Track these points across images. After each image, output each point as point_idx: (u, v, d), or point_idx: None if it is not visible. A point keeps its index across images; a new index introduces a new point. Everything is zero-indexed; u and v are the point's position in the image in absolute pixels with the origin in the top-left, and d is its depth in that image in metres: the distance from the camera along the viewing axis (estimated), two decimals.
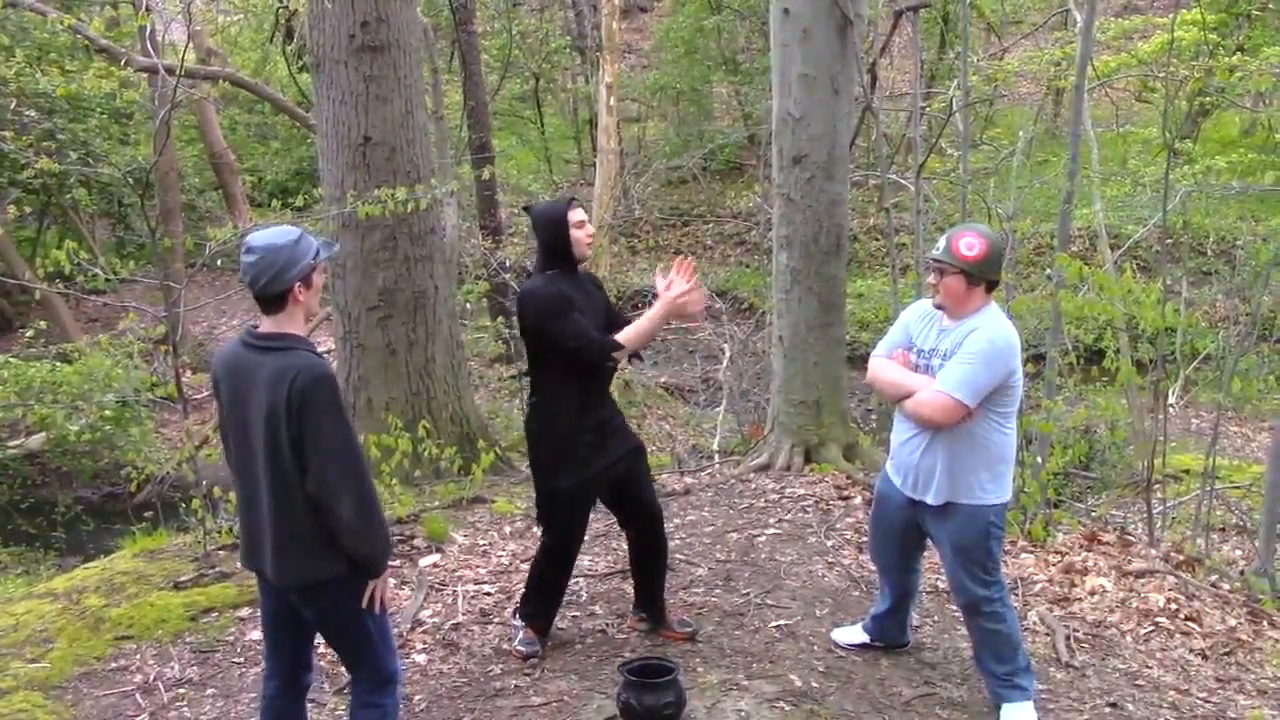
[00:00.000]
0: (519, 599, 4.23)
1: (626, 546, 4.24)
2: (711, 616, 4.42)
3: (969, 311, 3.54)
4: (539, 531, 4.09)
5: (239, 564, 3.46)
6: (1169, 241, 11.31)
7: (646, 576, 4.20)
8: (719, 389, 11.32)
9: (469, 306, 12.23)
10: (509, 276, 11.15)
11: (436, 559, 5.07)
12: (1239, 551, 6.41)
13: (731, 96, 20.48)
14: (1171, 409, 9.46)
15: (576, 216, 3.83)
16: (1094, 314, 6.62)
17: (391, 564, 4.38)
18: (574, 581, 4.55)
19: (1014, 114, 18.74)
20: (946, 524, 3.63)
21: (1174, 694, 4.05)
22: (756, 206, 15.97)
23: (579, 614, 4.46)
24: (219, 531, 5.27)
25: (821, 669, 4.00)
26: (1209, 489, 5.91)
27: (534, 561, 4.08)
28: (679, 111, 20.29)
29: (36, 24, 11.62)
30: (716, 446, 9.17)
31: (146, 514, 8.52)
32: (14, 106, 10.43)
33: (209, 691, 3.94)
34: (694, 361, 13.14)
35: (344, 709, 3.59)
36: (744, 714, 3.66)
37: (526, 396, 4.10)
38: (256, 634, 4.22)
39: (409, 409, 6.58)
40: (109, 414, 9.83)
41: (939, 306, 3.61)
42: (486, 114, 13.98)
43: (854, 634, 4.20)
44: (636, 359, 4.18)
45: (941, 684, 3.95)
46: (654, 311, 3.82)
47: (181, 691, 3.93)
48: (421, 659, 4.11)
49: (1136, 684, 4.10)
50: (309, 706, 3.26)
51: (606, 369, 3.92)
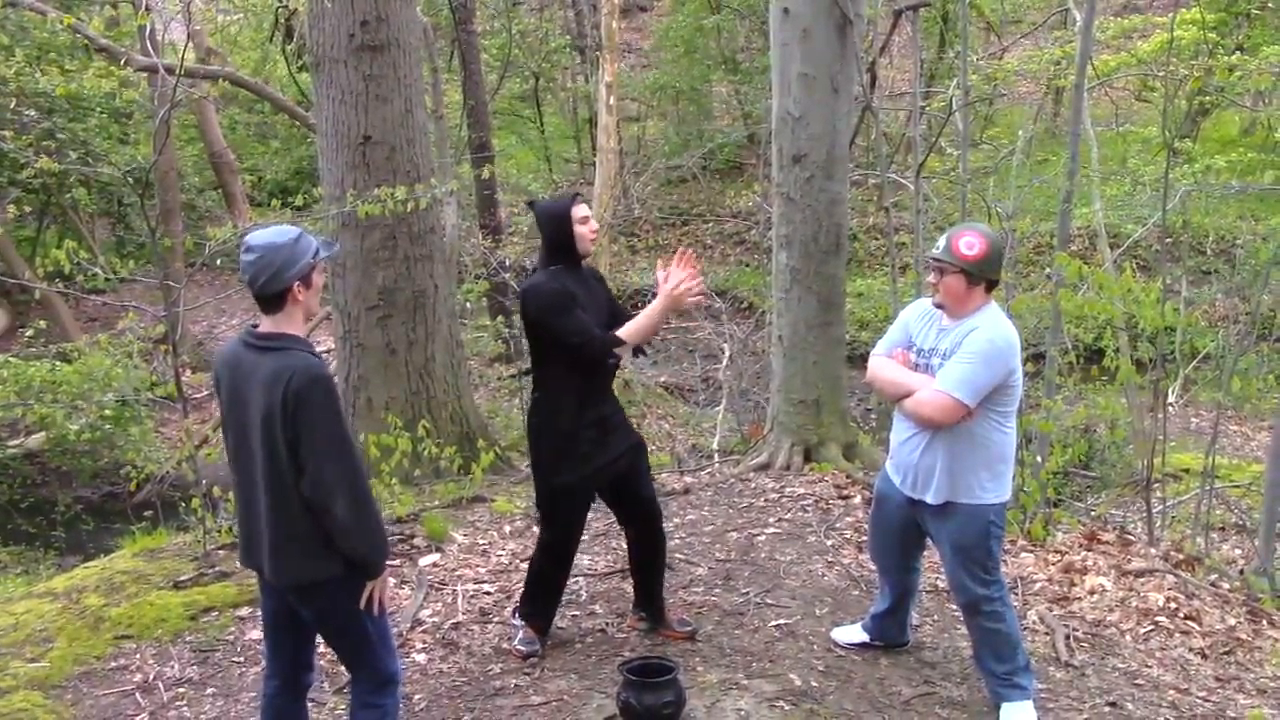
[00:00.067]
0: (518, 598, 4.23)
1: (626, 546, 4.25)
2: (711, 616, 4.42)
3: (969, 311, 3.54)
4: (538, 529, 4.09)
5: (239, 563, 3.47)
6: (1168, 241, 11.31)
7: (646, 575, 4.20)
8: (719, 388, 11.32)
9: (469, 306, 12.22)
10: (509, 276, 11.13)
11: (436, 558, 5.07)
12: (1239, 551, 6.41)
13: (731, 96, 20.47)
14: (1171, 408, 9.47)
15: (581, 212, 3.83)
16: (1094, 313, 6.61)
17: (391, 563, 4.40)
18: (573, 581, 4.55)
19: (1014, 113, 18.75)
20: (946, 523, 3.63)
21: (1173, 693, 4.05)
22: (756, 206, 15.95)
23: (579, 613, 4.46)
24: (219, 531, 5.27)
25: (821, 668, 4.01)
26: (1208, 488, 5.91)
27: (532, 559, 4.08)
28: (679, 111, 20.27)
29: (36, 23, 11.61)
30: (716, 446, 9.16)
31: (146, 513, 8.52)
32: (14, 106, 10.41)
33: (209, 691, 3.94)
34: (694, 361, 13.13)
35: (344, 709, 3.59)
36: (744, 713, 3.66)
37: (529, 392, 4.09)
38: (256, 633, 4.23)
39: (409, 408, 6.58)
40: (109, 413, 9.82)
41: (939, 306, 3.61)
42: (486, 113, 13.96)
43: (854, 633, 4.21)
44: (640, 354, 4.19)
45: (941, 683, 3.95)
46: (655, 306, 3.82)
47: (181, 691, 3.93)
48: (421, 658, 4.11)
49: (1136, 683, 4.10)
50: (309, 706, 3.26)
51: (609, 365, 3.91)
